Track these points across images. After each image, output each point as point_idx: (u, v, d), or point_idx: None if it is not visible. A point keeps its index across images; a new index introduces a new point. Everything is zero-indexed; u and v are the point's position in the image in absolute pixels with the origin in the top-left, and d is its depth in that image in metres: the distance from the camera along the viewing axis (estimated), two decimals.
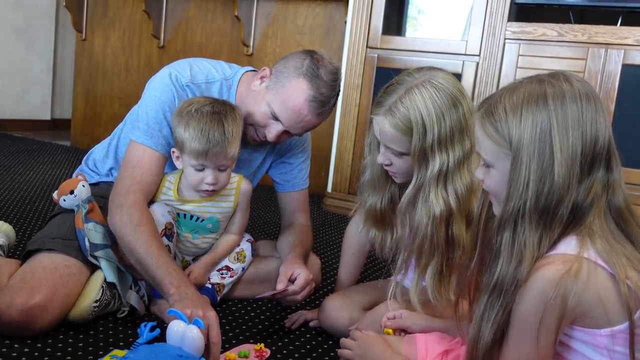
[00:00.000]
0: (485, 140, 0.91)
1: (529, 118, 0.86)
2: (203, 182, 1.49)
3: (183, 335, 1.11)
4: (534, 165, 0.85)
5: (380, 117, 1.24)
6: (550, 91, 0.86)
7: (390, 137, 1.24)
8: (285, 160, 1.78)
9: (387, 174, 1.37)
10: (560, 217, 0.85)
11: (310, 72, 1.48)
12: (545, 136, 0.85)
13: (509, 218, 0.87)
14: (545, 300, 0.82)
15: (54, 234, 1.47)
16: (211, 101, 1.49)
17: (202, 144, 1.43)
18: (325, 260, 2.09)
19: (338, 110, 2.99)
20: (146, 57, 4.02)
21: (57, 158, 3.70)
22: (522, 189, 0.85)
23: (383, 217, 1.40)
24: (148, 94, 1.55)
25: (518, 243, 0.86)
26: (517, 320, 0.87)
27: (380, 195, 1.39)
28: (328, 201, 3.04)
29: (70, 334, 1.34)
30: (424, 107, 1.19)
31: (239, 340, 1.43)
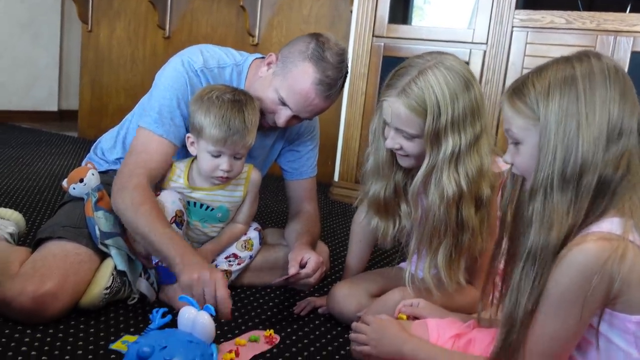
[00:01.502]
0: (515, 117, 0.93)
1: (556, 90, 0.88)
2: (218, 169, 1.49)
3: (194, 322, 1.12)
4: (560, 134, 0.87)
5: (393, 98, 1.24)
6: (579, 66, 0.89)
7: (403, 119, 1.24)
8: (294, 148, 1.79)
9: (391, 161, 1.36)
10: (587, 187, 0.86)
11: (315, 55, 1.48)
12: (573, 106, 0.87)
13: (539, 187, 0.89)
14: (589, 276, 0.83)
15: (63, 222, 1.48)
16: (232, 89, 1.49)
17: (223, 130, 1.43)
18: (332, 249, 2.09)
19: (344, 99, 2.99)
20: (152, 48, 4.02)
21: (65, 149, 3.72)
22: (551, 157, 0.87)
23: (386, 206, 1.39)
24: (161, 82, 1.55)
25: (548, 210, 0.88)
26: (553, 295, 0.87)
27: (384, 183, 1.38)
28: (335, 190, 3.05)
29: (81, 321, 1.36)
30: (439, 87, 1.19)
31: (248, 326, 1.44)
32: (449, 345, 1.06)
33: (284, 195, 1.87)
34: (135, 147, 1.51)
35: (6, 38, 4.50)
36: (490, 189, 1.27)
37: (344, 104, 2.99)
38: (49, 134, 4.25)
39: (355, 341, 1.13)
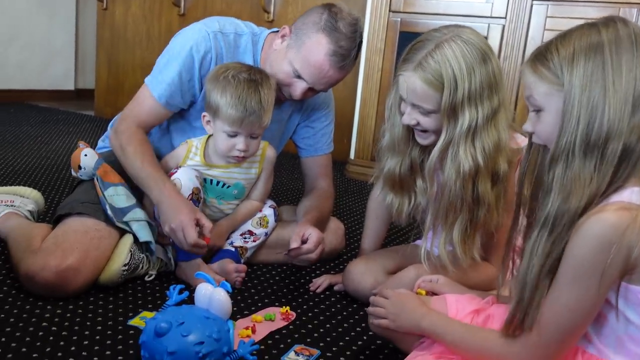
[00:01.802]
0: (537, 83, 0.91)
1: (581, 55, 0.87)
2: (234, 149, 1.49)
3: (210, 298, 1.12)
4: (585, 99, 0.85)
5: (409, 72, 1.22)
6: (605, 31, 0.87)
7: (419, 94, 1.22)
8: (309, 124, 1.78)
9: (407, 137, 1.35)
10: (612, 155, 0.85)
11: (328, 26, 1.47)
12: (598, 70, 0.85)
13: (561, 153, 0.87)
14: (607, 246, 0.82)
15: (82, 199, 1.50)
16: (247, 68, 1.49)
17: (239, 111, 1.43)
18: (348, 226, 2.09)
19: (360, 76, 2.96)
20: (167, 26, 4.00)
21: (82, 127, 3.75)
22: (574, 123, 0.86)
23: (402, 182, 1.38)
24: (172, 44, 1.59)
25: (569, 177, 0.86)
26: (571, 264, 0.86)
27: (399, 159, 1.37)
28: (351, 168, 3.04)
29: (100, 297, 1.38)
30: (455, 61, 1.18)
31: (264, 303, 1.45)
32: (467, 320, 1.06)
33: (300, 172, 1.86)
34: (137, 97, 1.61)
35: (23, 17, 4.51)
36: (508, 165, 1.26)
37: (359, 81, 2.97)
38: (66, 112, 4.28)
39: (373, 315, 1.13)
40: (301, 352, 1.22)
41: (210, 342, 1.05)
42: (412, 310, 1.07)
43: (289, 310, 1.39)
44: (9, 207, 1.68)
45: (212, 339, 1.06)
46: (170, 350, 1.03)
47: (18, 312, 1.27)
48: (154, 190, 1.46)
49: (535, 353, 0.91)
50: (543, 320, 0.89)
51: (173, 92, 1.56)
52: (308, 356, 1.21)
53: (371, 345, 1.29)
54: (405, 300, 1.10)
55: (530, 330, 0.91)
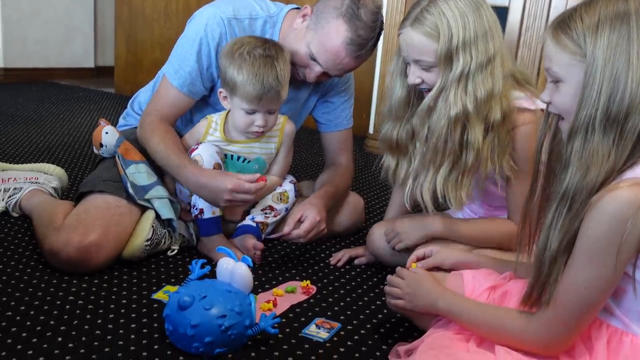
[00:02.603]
0: (559, 53, 0.89)
1: (606, 24, 0.84)
2: (253, 124, 1.49)
3: (232, 272, 1.14)
4: (608, 71, 0.83)
5: (407, 29, 1.27)
6: (632, 1, 0.85)
7: (418, 47, 1.26)
8: (328, 99, 1.77)
9: (407, 102, 1.38)
10: (633, 129, 0.83)
11: (349, 12, 1.44)
12: (624, 42, 0.83)
13: (580, 126, 0.86)
14: (623, 223, 0.81)
15: (104, 176, 1.52)
16: (262, 42, 1.47)
17: (257, 89, 1.42)
18: (368, 201, 2.09)
19: (379, 50, 2.92)
20: (185, 2, 3.97)
21: (103, 104, 3.77)
22: (595, 96, 0.84)
23: (399, 145, 1.41)
24: (187, 32, 1.57)
25: (588, 151, 0.85)
26: (587, 242, 0.85)
27: (398, 124, 1.40)
28: (370, 142, 3.02)
29: (124, 271, 1.40)
30: (449, 11, 1.23)
31: (285, 277, 1.46)
32: (484, 297, 1.05)
33: (319, 147, 1.86)
34: (158, 90, 1.61)
35: None
36: (503, 116, 1.26)
37: (379, 56, 2.93)
38: (87, 90, 4.31)
39: (390, 294, 1.13)
40: (322, 325, 1.23)
41: (233, 315, 1.07)
42: (428, 291, 1.07)
43: (309, 284, 1.41)
44: (33, 184, 1.71)
45: (234, 312, 1.07)
46: (194, 323, 1.05)
47: (45, 286, 1.30)
48: (182, 178, 1.48)
49: (553, 329, 0.90)
50: (560, 297, 0.89)
51: (194, 80, 1.55)
52: (329, 329, 1.22)
53: (391, 318, 1.30)
54: (420, 280, 1.09)
55: (548, 307, 0.90)
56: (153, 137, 1.53)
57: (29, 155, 2.37)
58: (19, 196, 1.66)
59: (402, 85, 1.37)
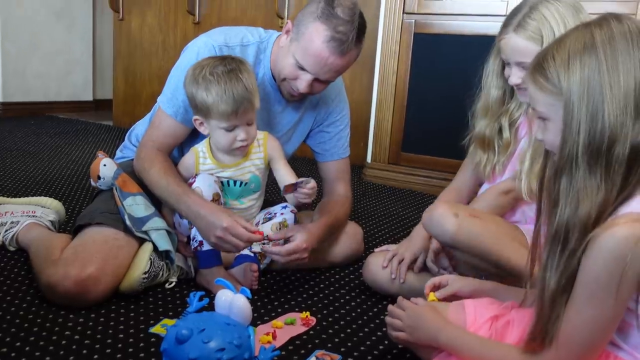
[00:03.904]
0: (538, 93, 0.89)
1: (576, 61, 0.84)
2: (236, 141, 1.50)
3: (231, 304, 1.12)
4: (584, 106, 0.83)
5: (510, 34, 1.34)
6: (598, 31, 0.84)
7: (522, 49, 1.32)
8: (324, 129, 1.78)
9: (502, 100, 1.47)
10: (618, 160, 0.82)
11: (325, 13, 1.46)
12: (594, 74, 0.83)
13: (564, 163, 0.85)
14: (621, 260, 0.79)
15: (101, 209, 1.51)
16: (219, 60, 1.48)
17: (230, 104, 1.43)
18: (366, 230, 2.08)
19: (376, 79, 2.95)
20: (182, 34, 4.03)
21: (101, 137, 3.79)
22: (575, 131, 0.83)
23: (489, 141, 1.49)
24: (179, 61, 1.60)
25: (575, 188, 0.84)
26: (587, 281, 0.84)
27: (491, 121, 1.48)
28: (368, 171, 3.03)
29: (121, 305, 1.38)
30: (551, 16, 1.31)
31: (284, 309, 1.45)
32: (486, 327, 1.04)
33: (318, 177, 1.86)
34: (153, 121, 1.63)
35: (42, 30, 4.57)
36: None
37: (375, 84, 2.96)
38: (85, 123, 4.33)
39: (391, 326, 1.12)
40: (322, 358, 1.21)
41: (232, 348, 1.05)
42: (429, 324, 1.05)
43: (309, 315, 1.39)
44: (30, 217, 1.70)
45: (233, 345, 1.05)
46: (192, 356, 1.03)
47: (41, 321, 1.28)
48: (182, 206, 1.48)
49: None
50: (562, 337, 0.87)
51: (187, 108, 1.56)
52: None
53: (392, 349, 1.28)
54: (421, 313, 1.08)
55: (550, 347, 0.89)
56: (151, 168, 1.53)
57: (27, 189, 2.37)
58: (16, 230, 1.65)
59: (498, 85, 1.46)
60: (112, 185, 1.57)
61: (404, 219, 2.34)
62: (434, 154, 2.77)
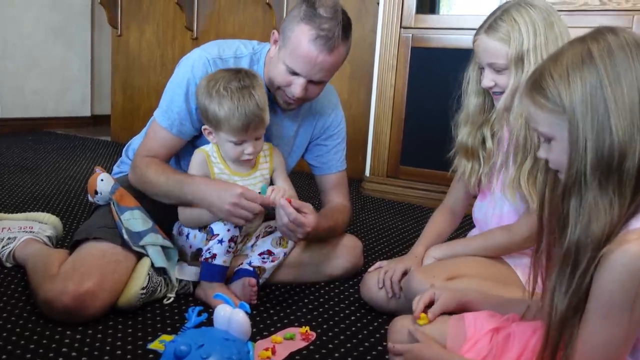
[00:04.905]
0: (538, 113, 0.87)
1: (576, 76, 0.82)
2: (244, 154, 1.51)
3: (230, 319, 1.11)
4: (588, 123, 0.81)
5: (482, 35, 1.38)
6: (595, 46, 0.83)
7: (491, 50, 1.36)
8: (321, 142, 1.78)
9: (482, 108, 1.47)
10: (629, 174, 0.80)
11: (308, 14, 1.47)
12: (597, 90, 0.81)
13: (573, 183, 0.83)
14: (635, 277, 0.78)
15: (99, 224, 1.51)
16: (234, 74, 1.49)
17: (242, 121, 1.44)
18: (366, 243, 2.07)
19: (374, 93, 2.96)
20: (180, 50, 4.05)
21: (99, 152, 3.79)
22: (582, 149, 0.81)
23: (473, 150, 1.50)
24: (174, 74, 1.62)
25: (586, 207, 0.82)
26: (599, 302, 0.82)
27: (473, 130, 1.49)
28: (366, 185, 3.02)
29: (119, 321, 1.37)
30: (520, 18, 1.33)
31: (284, 324, 1.43)
32: (487, 339, 1.02)
33: (316, 191, 1.86)
34: (148, 133, 1.65)
35: (40, 46, 4.60)
36: None
37: (373, 98, 2.97)
38: (83, 138, 4.33)
39: None
40: None
41: None
42: None
43: (309, 330, 1.38)
44: (28, 233, 1.69)
45: None
46: None
47: (38, 338, 1.27)
48: (187, 189, 1.49)
49: None
50: (577, 357, 0.85)
51: (183, 120, 1.58)
52: None
53: None
54: (417, 355, 1.03)
55: None
56: (148, 170, 1.56)
57: (24, 204, 2.36)
58: (13, 246, 1.64)
59: (478, 93, 1.47)
60: (110, 200, 1.56)
61: (402, 232, 2.34)
62: (433, 167, 2.76)
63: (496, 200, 1.49)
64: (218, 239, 1.49)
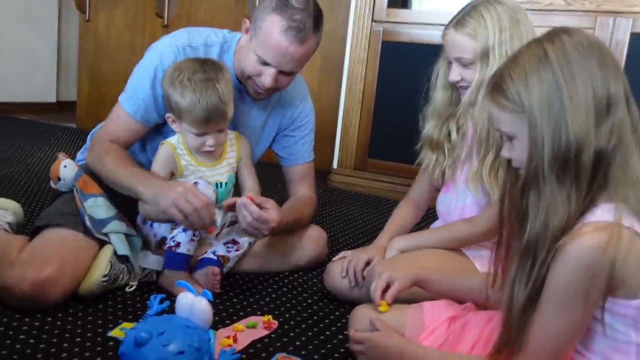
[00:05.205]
0: (500, 113, 0.90)
1: (533, 76, 0.86)
2: (205, 145, 1.50)
3: (191, 307, 1.11)
4: (546, 120, 0.85)
5: (450, 30, 1.42)
6: (550, 47, 0.87)
7: (458, 45, 1.39)
8: (289, 133, 1.78)
9: (449, 102, 1.50)
10: (585, 167, 0.84)
11: (279, 4, 1.47)
12: (553, 89, 0.85)
13: (532, 178, 0.87)
14: (590, 268, 0.81)
15: (61, 210, 1.49)
16: (200, 65, 1.48)
17: (203, 113, 1.44)
18: (331, 235, 2.09)
19: (343, 85, 2.97)
20: (150, 37, 3.98)
21: (63, 139, 3.72)
22: (540, 145, 0.85)
23: (438, 143, 1.53)
24: (142, 60, 1.60)
25: (544, 201, 0.85)
26: (554, 292, 0.85)
27: (439, 123, 1.52)
28: (334, 177, 3.04)
29: (80, 308, 1.36)
30: (488, 15, 1.37)
31: (246, 312, 1.44)
32: (444, 328, 1.05)
33: (283, 182, 1.86)
34: (111, 116, 1.62)
35: (5, 29, 4.47)
36: None
37: (343, 91, 2.98)
38: (47, 125, 4.24)
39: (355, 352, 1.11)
40: None
41: (191, 351, 1.04)
42: (389, 352, 1.04)
43: (271, 318, 1.39)
44: None
45: (193, 348, 1.04)
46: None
47: None
48: (139, 185, 1.46)
49: None
50: (531, 346, 0.88)
51: (148, 107, 1.56)
52: None
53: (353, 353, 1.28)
54: (377, 343, 1.06)
55: (518, 356, 0.89)
56: (107, 158, 1.53)
57: None
58: None
59: (445, 87, 1.50)
60: (73, 187, 1.54)
61: (367, 224, 2.36)
62: (400, 160, 2.79)
63: (459, 192, 1.52)
64: (182, 227, 1.48)
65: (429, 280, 1.17)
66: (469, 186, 1.47)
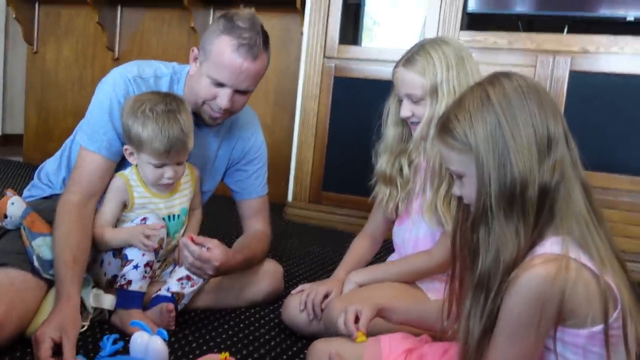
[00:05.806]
0: (449, 153, 0.95)
1: (478, 117, 0.91)
2: (163, 177, 1.50)
3: (147, 347, 1.10)
4: (491, 158, 0.89)
5: (400, 68, 1.48)
6: (492, 89, 0.92)
7: (408, 82, 1.46)
8: (241, 167, 1.79)
9: (400, 138, 1.56)
10: (531, 202, 0.88)
11: (227, 26, 1.50)
12: (496, 129, 0.90)
13: (481, 214, 0.90)
14: (540, 298, 0.84)
15: (7, 249, 1.44)
16: (162, 98, 1.49)
17: (164, 144, 1.44)
18: (287, 268, 2.09)
19: (297, 120, 3.00)
20: (101, 70, 3.94)
21: (9, 174, 3.60)
22: (487, 182, 0.89)
23: (391, 178, 1.57)
24: (95, 96, 1.58)
25: (494, 236, 0.89)
26: (507, 322, 0.87)
27: (392, 158, 1.57)
28: (289, 210, 3.05)
29: (27, 351, 1.30)
30: (435, 55, 1.44)
31: (203, 350, 1.42)
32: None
33: (237, 216, 1.86)
34: (76, 162, 1.56)
35: None
36: None
37: (296, 125, 3.01)
38: None
39: None
40: None
41: None
42: None
43: (228, 356, 1.36)
44: None
45: None
46: None
47: None
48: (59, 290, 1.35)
49: None
50: None
51: (111, 140, 1.54)
52: None
53: None
54: None
55: None
56: (59, 228, 1.44)
57: None
58: None
59: (397, 124, 1.56)
60: (20, 225, 1.49)
61: (323, 257, 2.37)
62: (354, 192, 2.83)
63: (413, 224, 1.55)
64: (133, 265, 1.46)
65: (391, 309, 1.20)
66: (424, 217, 1.50)
